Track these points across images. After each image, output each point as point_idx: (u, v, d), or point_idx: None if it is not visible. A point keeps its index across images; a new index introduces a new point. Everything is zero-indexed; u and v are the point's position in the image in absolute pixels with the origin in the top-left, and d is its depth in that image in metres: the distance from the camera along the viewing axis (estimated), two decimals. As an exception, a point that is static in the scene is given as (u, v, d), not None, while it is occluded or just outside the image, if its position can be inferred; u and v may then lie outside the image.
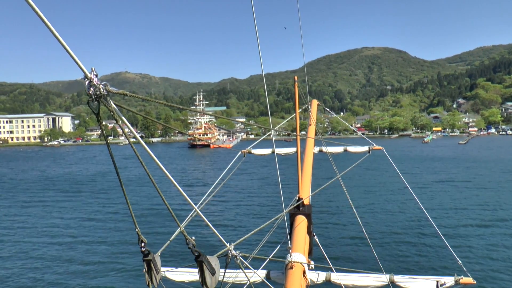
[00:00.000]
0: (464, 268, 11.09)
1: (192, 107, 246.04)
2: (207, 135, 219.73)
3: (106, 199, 65.05)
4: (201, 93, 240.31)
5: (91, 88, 3.17)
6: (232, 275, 9.24)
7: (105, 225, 47.64)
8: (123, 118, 3.64)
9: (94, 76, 3.18)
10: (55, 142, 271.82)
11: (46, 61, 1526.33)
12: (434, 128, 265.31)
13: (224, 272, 6.16)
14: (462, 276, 9.65)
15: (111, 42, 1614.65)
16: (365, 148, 15.60)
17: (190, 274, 9.74)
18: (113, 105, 3.40)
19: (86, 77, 3.17)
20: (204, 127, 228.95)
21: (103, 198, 66.29)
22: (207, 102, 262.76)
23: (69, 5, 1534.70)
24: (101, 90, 3.20)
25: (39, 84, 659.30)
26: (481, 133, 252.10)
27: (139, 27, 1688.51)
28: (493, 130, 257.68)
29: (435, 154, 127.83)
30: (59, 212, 56.38)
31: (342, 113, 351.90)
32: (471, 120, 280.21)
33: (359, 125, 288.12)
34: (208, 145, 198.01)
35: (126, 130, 3.86)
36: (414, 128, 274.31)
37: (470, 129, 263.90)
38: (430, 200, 55.19)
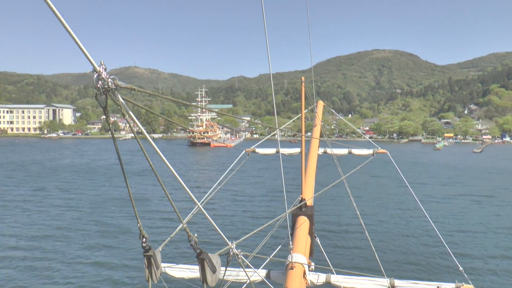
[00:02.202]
0: (465, 275, 10.82)
1: (194, 104, 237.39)
2: (208, 133, 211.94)
3: (108, 193, 65.28)
4: (203, 89, 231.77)
5: (100, 82, 3.16)
6: (233, 274, 9.13)
7: (106, 219, 48.01)
8: (130, 112, 3.61)
9: (103, 69, 3.15)
10: (54, 134, 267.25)
11: (56, 53, 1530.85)
12: (446, 134, 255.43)
13: (225, 270, 6.28)
14: (463, 283, 9.48)
15: (121, 36, 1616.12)
16: (370, 151, 15.26)
17: (190, 271, 9.63)
18: (121, 99, 3.38)
19: (95, 70, 3.15)
20: (206, 124, 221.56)
21: (105, 192, 66.55)
22: (209, 99, 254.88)
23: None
24: (110, 84, 3.17)
25: (49, 75, 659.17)
26: (496, 141, 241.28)
27: (149, 22, 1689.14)
28: (508, 139, 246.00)
29: (450, 162, 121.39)
30: (59, 205, 56.29)
31: (350, 115, 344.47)
32: (484, 127, 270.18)
33: (367, 128, 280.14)
34: (208, 144, 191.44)
35: (132, 124, 3.85)
36: (424, 134, 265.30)
37: (483, 136, 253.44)
38: (435, 207, 54.41)
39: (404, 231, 42.67)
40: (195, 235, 4.40)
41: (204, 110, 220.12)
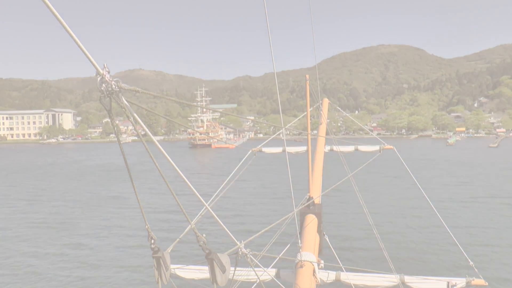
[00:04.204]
0: (475, 269, 10.75)
1: (195, 104, 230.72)
2: (209, 133, 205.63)
3: (114, 195, 66.00)
4: (203, 89, 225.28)
5: (103, 85, 3.16)
6: (242, 273, 9.03)
7: (113, 221, 48.34)
8: (135, 114, 3.63)
9: (106, 72, 3.16)
10: (53, 140, 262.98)
11: (61, 58, 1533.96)
12: (457, 129, 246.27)
13: (234, 270, 6.29)
14: (474, 278, 9.50)
15: (126, 39, 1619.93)
16: (376, 148, 15.24)
17: (200, 272, 9.67)
18: (125, 102, 3.38)
19: (98, 73, 3.15)
20: (207, 125, 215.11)
21: (111, 194, 67.22)
22: (209, 98, 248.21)
23: (86, 1, 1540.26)
24: (113, 86, 3.18)
25: (54, 81, 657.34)
26: (511, 134, 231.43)
27: (153, 24, 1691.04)
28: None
29: (467, 159, 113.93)
30: (64, 206, 57.07)
31: (357, 112, 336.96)
32: (497, 120, 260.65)
33: (374, 124, 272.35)
34: (209, 145, 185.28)
35: (137, 126, 3.87)
36: (434, 128, 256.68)
37: (497, 130, 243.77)
38: (443, 202, 53.53)
39: (412, 227, 42.67)
40: (204, 235, 4.36)
41: (205, 110, 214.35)
